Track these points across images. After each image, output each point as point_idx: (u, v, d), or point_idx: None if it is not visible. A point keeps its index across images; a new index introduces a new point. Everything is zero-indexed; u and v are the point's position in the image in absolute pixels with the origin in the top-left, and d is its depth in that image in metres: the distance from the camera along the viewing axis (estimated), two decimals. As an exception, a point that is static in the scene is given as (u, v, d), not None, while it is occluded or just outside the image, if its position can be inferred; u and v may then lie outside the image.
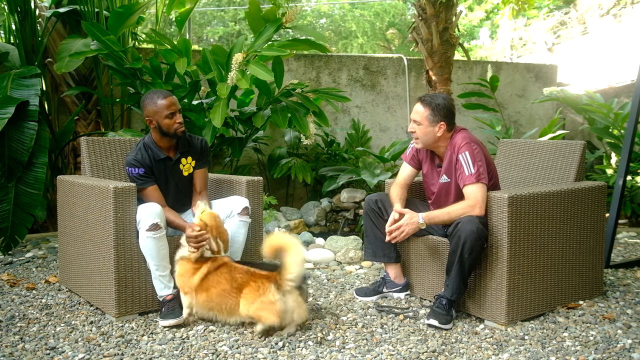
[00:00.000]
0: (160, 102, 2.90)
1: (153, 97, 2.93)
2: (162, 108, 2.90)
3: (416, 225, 2.81)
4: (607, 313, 2.88)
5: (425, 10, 5.36)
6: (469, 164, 2.77)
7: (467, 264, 2.67)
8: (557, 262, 2.89)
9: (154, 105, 2.91)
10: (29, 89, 4.11)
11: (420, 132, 2.90)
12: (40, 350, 2.44)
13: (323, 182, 5.06)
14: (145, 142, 3.00)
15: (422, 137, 2.91)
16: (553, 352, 2.42)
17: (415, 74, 6.42)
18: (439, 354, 2.41)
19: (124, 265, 2.77)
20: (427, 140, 2.91)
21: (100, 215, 2.81)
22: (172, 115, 2.91)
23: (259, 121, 4.45)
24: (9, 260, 3.93)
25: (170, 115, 2.91)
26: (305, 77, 5.98)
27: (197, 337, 2.59)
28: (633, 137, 3.78)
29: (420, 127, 2.89)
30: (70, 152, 5.08)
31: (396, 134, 6.36)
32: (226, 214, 3.04)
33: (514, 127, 6.61)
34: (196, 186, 3.13)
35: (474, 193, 2.73)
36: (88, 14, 4.66)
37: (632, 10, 13.36)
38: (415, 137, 2.94)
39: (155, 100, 2.91)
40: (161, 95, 2.93)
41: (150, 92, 3.00)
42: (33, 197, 3.96)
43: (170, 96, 2.95)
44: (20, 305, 3.02)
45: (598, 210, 3.07)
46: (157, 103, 2.91)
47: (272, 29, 4.15)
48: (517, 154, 3.52)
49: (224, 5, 18.42)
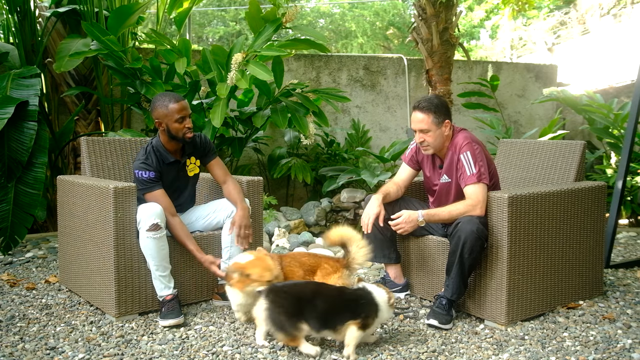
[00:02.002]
0: (172, 105, 2.89)
1: (164, 100, 2.92)
2: (173, 112, 2.88)
3: (415, 222, 2.79)
4: (607, 313, 2.88)
5: (425, 10, 5.36)
6: (471, 164, 2.77)
7: (467, 264, 2.67)
8: (557, 262, 2.89)
9: (164, 109, 2.90)
10: (28, 89, 4.10)
11: (430, 139, 2.86)
12: (40, 350, 2.44)
13: (323, 182, 5.06)
14: (154, 146, 2.98)
15: (432, 143, 2.88)
16: (553, 352, 2.42)
17: (415, 74, 6.42)
18: (439, 354, 2.41)
19: (124, 265, 2.77)
20: (437, 144, 2.89)
21: (100, 215, 2.81)
22: (183, 120, 2.90)
23: (259, 121, 4.45)
24: (9, 260, 3.93)
25: (181, 120, 2.90)
26: (305, 77, 5.98)
27: (197, 337, 2.59)
28: (633, 137, 3.78)
29: (429, 134, 2.86)
30: (70, 152, 5.08)
31: (396, 134, 6.36)
32: (227, 214, 3.04)
33: (514, 127, 6.62)
34: (218, 177, 3.12)
35: (475, 193, 2.73)
36: (88, 14, 4.66)
37: (632, 10, 13.36)
38: (425, 146, 2.90)
39: (167, 104, 2.90)
40: (173, 98, 2.92)
41: (161, 94, 2.99)
42: (33, 197, 3.96)
43: (182, 100, 2.94)
44: (20, 305, 3.02)
45: (598, 210, 3.07)
46: (168, 107, 2.89)
47: (271, 28, 4.15)
48: (517, 154, 3.52)
49: (224, 5, 18.41)
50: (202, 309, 2.99)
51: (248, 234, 2.95)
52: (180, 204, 3.07)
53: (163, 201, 2.87)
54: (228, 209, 3.04)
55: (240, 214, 2.96)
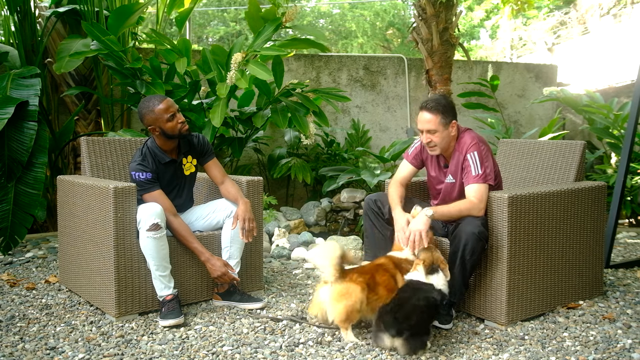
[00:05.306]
0: (158, 107, 2.87)
1: (149, 105, 2.89)
2: (161, 113, 2.86)
3: (425, 219, 2.69)
4: (607, 313, 2.88)
5: (425, 10, 5.35)
6: (477, 164, 2.78)
7: (469, 265, 2.67)
8: (557, 262, 2.89)
9: (152, 113, 2.87)
10: (28, 89, 4.10)
11: (437, 139, 2.85)
12: (40, 350, 2.44)
13: (323, 182, 5.06)
14: (149, 147, 2.97)
15: (440, 143, 2.86)
16: (553, 352, 2.42)
17: (415, 74, 6.42)
18: (439, 354, 2.41)
19: (124, 265, 2.77)
20: (445, 144, 2.88)
21: (100, 215, 2.81)
22: (173, 117, 2.89)
23: (259, 121, 4.44)
24: (9, 260, 3.93)
25: (171, 118, 2.88)
26: (305, 77, 5.98)
27: (197, 337, 2.59)
28: (633, 137, 3.78)
29: (436, 134, 2.84)
30: (70, 152, 5.08)
31: (396, 134, 6.36)
32: (226, 214, 3.04)
33: (514, 127, 6.61)
34: (216, 178, 3.12)
35: (480, 191, 2.74)
36: (88, 14, 4.66)
37: (632, 10, 13.36)
38: (432, 146, 2.89)
39: (152, 108, 2.87)
40: (156, 100, 2.90)
41: (143, 100, 2.95)
42: (33, 197, 3.96)
43: (166, 98, 2.92)
44: (20, 305, 3.02)
45: (598, 210, 3.07)
46: (154, 110, 2.87)
47: (271, 28, 4.15)
48: (517, 154, 3.52)
49: (224, 5, 18.41)
50: (202, 309, 2.99)
51: (252, 227, 2.96)
52: (179, 204, 3.07)
53: (163, 201, 2.87)
54: (228, 208, 3.04)
55: (243, 208, 2.96)
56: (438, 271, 2.58)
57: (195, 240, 2.90)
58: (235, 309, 2.97)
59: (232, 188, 3.06)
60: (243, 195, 3.07)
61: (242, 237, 2.94)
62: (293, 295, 3.23)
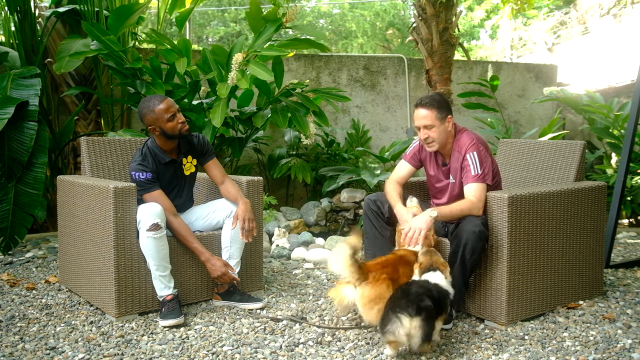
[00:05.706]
0: (158, 107, 2.87)
1: (149, 105, 2.89)
2: (162, 113, 2.87)
3: (428, 219, 2.68)
4: (607, 313, 2.88)
5: (425, 10, 5.35)
6: (476, 164, 2.80)
7: (469, 265, 2.67)
8: (557, 262, 2.89)
9: (152, 113, 2.87)
10: (28, 89, 4.10)
11: (434, 134, 2.87)
12: (40, 350, 2.44)
13: (323, 182, 5.06)
14: (149, 147, 2.97)
15: (437, 138, 2.89)
16: (553, 352, 2.42)
17: (415, 74, 6.42)
18: (439, 354, 2.41)
19: (124, 265, 2.77)
20: (442, 139, 2.90)
21: (100, 215, 2.81)
22: (173, 117, 2.89)
23: (259, 121, 4.44)
24: (9, 260, 3.93)
25: (172, 118, 2.88)
26: (305, 77, 5.98)
27: (197, 337, 2.59)
28: (633, 137, 3.78)
29: (433, 129, 2.87)
30: (70, 152, 5.08)
31: (396, 134, 6.36)
32: (226, 214, 3.04)
33: (514, 127, 6.61)
34: (215, 178, 3.12)
35: (479, 191, 2.75)
36: (88, 14, 4.66)
37: (632, 10, 13.36)
38: (429, 142, 2.91)
39: (153, 108, 2.88)
40: (156, 100, 2.90)
41: (144, 100, 2.95)
42: (33, 197, 3.96)
43: (166, 98, 2.92)
44: (20, 305, 3.02)
45: (598, 210, 3.07)
46: (154, 110, 2.87)
47: (272, 28, 4.15)
48: (517, 154, 3.52)
49: (224, 5, 18.41)
50: (202, 309, 2.99)
51: (252, 227, 2.96)
52: (179, 204, 3.07)
53: (163, 201, 2.87)
54: (228, 208, 3.04)
55: (243, 208, 2.96)
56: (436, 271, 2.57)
57: (195, 240, 2.90)
58: (235, 309, 2.97)
59: (232, 188, 3.06)
60: (243, 195, 3.07)
61: (242, 237, 2.94)
62: (293, 295, 3.23)
